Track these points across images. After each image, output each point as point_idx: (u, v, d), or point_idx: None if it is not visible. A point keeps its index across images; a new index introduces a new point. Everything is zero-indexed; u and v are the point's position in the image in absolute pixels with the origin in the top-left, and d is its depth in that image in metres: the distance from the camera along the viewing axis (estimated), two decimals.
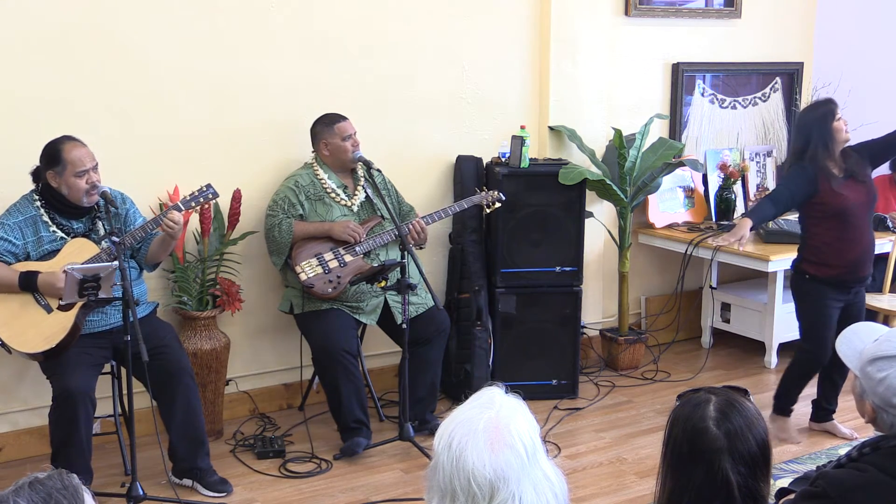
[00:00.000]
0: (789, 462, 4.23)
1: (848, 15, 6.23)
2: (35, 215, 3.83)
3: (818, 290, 4.40)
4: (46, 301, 3.75)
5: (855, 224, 4.32)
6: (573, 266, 5.01)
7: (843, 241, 4.33)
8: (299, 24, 4.68)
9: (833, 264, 4.36)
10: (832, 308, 4.39)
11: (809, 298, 4.45)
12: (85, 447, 3.72)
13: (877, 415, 2.24)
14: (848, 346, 2.35)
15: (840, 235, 4.32)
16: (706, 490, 1.89)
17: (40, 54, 4.13)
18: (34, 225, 3.82)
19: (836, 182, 4.28)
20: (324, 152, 4.50)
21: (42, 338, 3.71)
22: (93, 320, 3.86)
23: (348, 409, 4.32)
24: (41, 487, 1.47)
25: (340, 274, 4.37)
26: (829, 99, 4.48)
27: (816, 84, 6.21)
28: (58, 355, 3.73)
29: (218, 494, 3.96)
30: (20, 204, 3.86)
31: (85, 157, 3.78)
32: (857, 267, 4.38)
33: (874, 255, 4.50)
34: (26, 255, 3.80)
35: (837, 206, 4.29)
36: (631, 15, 5.61)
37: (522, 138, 4.90)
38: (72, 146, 3.78)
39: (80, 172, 3.76)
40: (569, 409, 4.94)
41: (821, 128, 4.29)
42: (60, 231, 3.84)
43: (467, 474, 1.64)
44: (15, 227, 3.80)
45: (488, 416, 1.69)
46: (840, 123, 4.32)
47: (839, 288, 4.39)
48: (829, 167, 4.29)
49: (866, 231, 4.40)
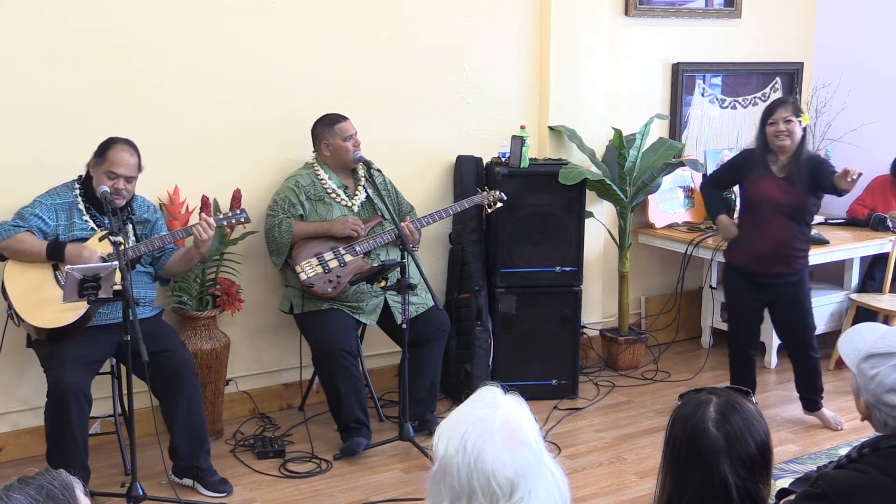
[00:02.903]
0: (789, 462, 4.24)
1: (848, 15, 6.23)
2: (72, 202, 3.93)
3: (731, 276, 4.74)
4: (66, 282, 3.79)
5: (767, 219, 4.48)
6: (573, 266, 5.01)
7: (751, 232, 4.55)
8: (299, 25, 4.68)
9: (740, 252, 4.63)
10: (747, 298, 4.65)
11: (726, 284, 4.84)
12: (80, 444, 3.72)
13: (870, 413, 2.24)
14: (850, 345, 2.36)
15: (750, 224, 4.55)
16: (705, 491, 1.89)
17: (41, 55, 4.13)
18: (69, 210, 3.92)
19: (760, 175, 4.49)
20: (325, 152, 4.50)
21: (53, 316, 3.77)
22: (102, 312, 3.90)
23: (348, 409, 4.32)
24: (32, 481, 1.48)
25: (340, 274, 4.37)
26: (778, 100, 4.59)
27: (816, 84, 6.22)
28: (60, 339, 3.77)
29: (218, 494, 3.96)
30: (60, 189, 3.95)
31: (123, 163, 3.87)
32: (761, 261, 4.53)
33: (791, 262, 4.53)
34: (56, 237, 3.87)
35: (752, 197, 4.53)
36: (631, 15, 5.61)
37: (522, 138, 4.90)
38: (121, 148, 3.88)
39: (111, 174, 3.85)
40: (569, 409, 4.95)
41: (760, 126, 4.54)
42: (93, 222, 3.93)
43: (487, 474, 1.66)
44: (51, 208, 3.89)
45: (501, 416, 1.71)
46: (771, 128, 4.42)
47: (749, 279, 4.60)
48: (767, 161, 4.48)
49: (780, 231, 4.48)
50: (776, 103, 4.52)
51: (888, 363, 2.19)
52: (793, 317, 4.64)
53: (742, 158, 4.69)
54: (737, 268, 4.66)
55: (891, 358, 2.19)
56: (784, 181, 4.44)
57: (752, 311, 4.68)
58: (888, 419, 2.20)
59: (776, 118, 4.42)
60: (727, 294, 4.87)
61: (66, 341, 3.78)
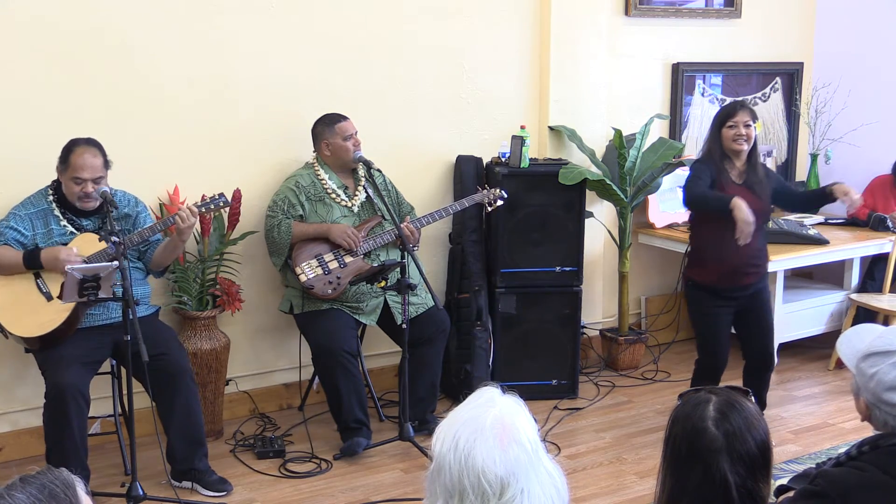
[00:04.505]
0: (789, 462, 4.23)
1: (847, 15, 6.23)
2: (47, 209, 3.88)
3: (701, 297, 4.39)
4: (48, 289, 3.79)
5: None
6: (573, 266, 5.01)
7: (723, 245, 4.18)
8: (299, 25, 4.68)
9: (710, 268, 4.31)
10: (720, 316, 4.36)
11: (695, 306, 4.46)
12: (79, 444, 3.71)
13: (870, 412, 2.24)
14: (848, 346, 2.35)
15: (721, 237, 4.18)
16: (705, 490, 1.89)
17: (41, 55, 4.13)
18: (45, 218, 3.87)
19: (728, 184, 4.24)
20: (325, 152, 4.50)
21: (37, 324, 3.75)
22: (94, 313, 3.88)
23: (348, 409, 4.32)
24: (33, 480, 1.48)
25: (340, 275, 4.37)
26: (736, 103, 4.44)
27: (816, 84, 6.22)
28: (53, 344, 3.76)
29: (218, 494, 3.96)
30: (35, 197, 3.92)
31: (86, 167, 3.78)
32: (734, 275, 4.28)
33: (760, 270, 4.39)
34: (34, 246, 3.84)
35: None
36: (631, 15, 5.61)
37: (522, 138, 4.90)
38: (82, 151, 3.79)
39: (76, 179, 3.78)
40: (569, 409, 4.94)
41: (714, 130, 4.31)
42: (71, 226, 3.88)
43: (477, 472, 1.66)
44: (26, 219, 3.86)
45: (494, 414, 1.71)
46: (730, 131, 4.24)
47: (718, 295, 4.32)
48: (724, 168, 4.26)
49: (752, 240, 4.14)
50: (735, 106, 4.32)
51: (887, 361, 2.19)
52: (761, 324, 4.43)
53: (704, 167, 4.29)
54: (704, 286, 4.35)
55: (890, 356, 2.19)
56: (745, 188, 4.25)
57: (726, 329, 4.42)
58: (888, 418, 2.20)
59: (737, 121, 4.22)
60: (697, 317, 4.48)
61: (61, 344, 3.76)
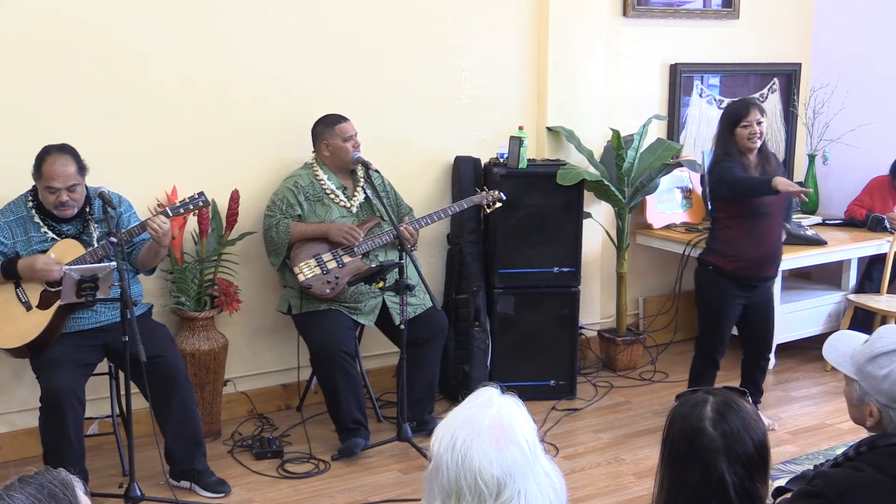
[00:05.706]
0: (787, 463, 4.24)
1: (845, 16, 6.24)
2: (27, 216, 3.84)
3: (719, 281, 4.50)
4: (27, 298, 3.77)
5: (767, 222, 4.41)
6: (571, 267, 5.01)
7: (752, 237, 4.40)
8: (299, 25, 4.68)
9: (739, 258, 4.43)
10: (731, 304, 4.51)
11: (712, 289, 4.55)
12: (76, 447, 3.70)
13: (883, 414, 2.20)
14: (835, 351, 2.33)
15: (750, 230, 4.40)
16: (702, 491, 1.89)
17: (38, 54, 4.13)
18: (24, 225, 3.83)
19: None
20: (324, 153, 4.50)
21: (16, 334, 3.73)
22: (82, 317, 3.86)
23: (346, 410, 4.32)
24: (31, 480, 1.48)
25: (339, 275, 4.37)
26: (747, 101, 4.52)
27: (814, 85, 6.22)
28: (37, 353, 3.74)
29: (216, 495, 3.96)
30: (14, 204, 3.88)
31: (58, 175, 3.70)
32: (761, 265, 4.46)
33: (780, 258, 4.57)
34: (15, 254, 3.80)
35: (756, 202, 4.35)
36: (629, 16, 5.61)
37: (520, 139, 4.90)
38: (53, 160, 3.71)
39: (50, 188, 3.73)
40: (567, 409, 4.95)
41: (727, 130, 4.40)
42: (52, 232, 3.84)
43: (474, 472, 1.66)
44: (5, 227, 3.82)
45: (492, 415, 1.71)
46: (745, 130, 4.34)
47: (739, 283, 4.47)
48: (743, 165, 4.38)
49: (777, 232, 4.47)
50: (746, 106, 4.40)
51: None
52: (764, 316, 4.61)
53: (732, 163, 4.36)
54: (725, 272, 4.46)
55: None
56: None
57: (734, 317, 4.56)
58: None
59: (750, 120, 4.35)
60: (710, 300, 4.57)
61: (52, 348, 3.74)
